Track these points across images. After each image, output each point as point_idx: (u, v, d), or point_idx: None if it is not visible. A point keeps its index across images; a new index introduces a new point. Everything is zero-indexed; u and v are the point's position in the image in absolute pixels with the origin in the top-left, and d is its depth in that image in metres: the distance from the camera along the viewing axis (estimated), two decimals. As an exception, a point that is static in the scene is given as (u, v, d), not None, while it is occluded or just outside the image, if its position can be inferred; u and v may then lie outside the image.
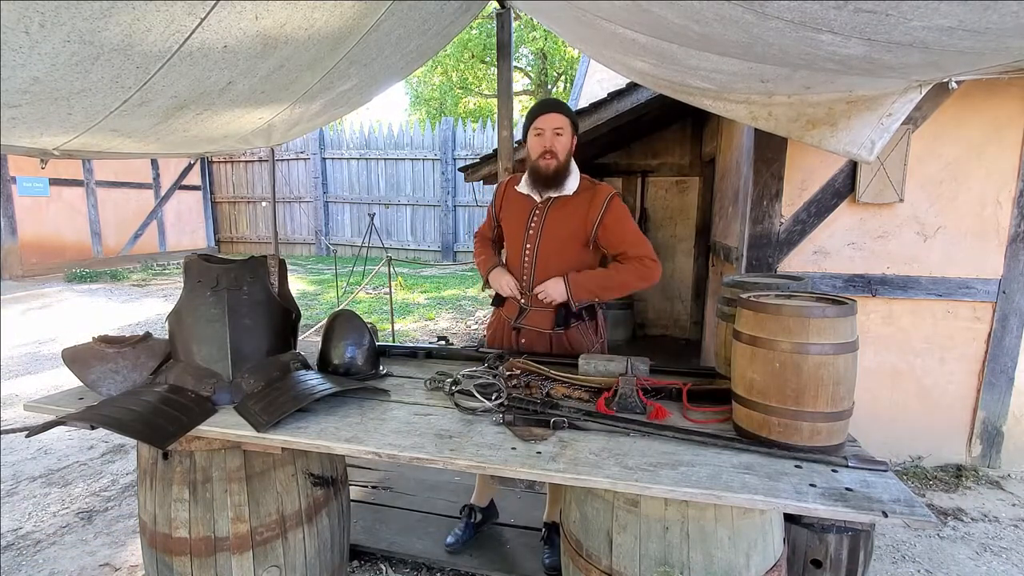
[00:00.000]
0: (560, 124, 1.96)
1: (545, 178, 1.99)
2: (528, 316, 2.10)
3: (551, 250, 2.03)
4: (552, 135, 1.96)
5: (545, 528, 2.23)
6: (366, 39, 2.06)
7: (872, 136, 1.78)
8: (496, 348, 2.18)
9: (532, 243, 2.05)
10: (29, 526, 2.59)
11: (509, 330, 2.16)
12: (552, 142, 1.96)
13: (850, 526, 1.52)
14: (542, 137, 1.97)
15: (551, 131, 1.96)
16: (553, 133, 1.96)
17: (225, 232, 13.83)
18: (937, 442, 3.10)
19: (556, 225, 2.03)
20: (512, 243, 2.14)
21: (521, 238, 2.09)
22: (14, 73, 1.37)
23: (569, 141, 2.00)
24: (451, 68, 19.36)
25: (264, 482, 1.65)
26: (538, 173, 2.00)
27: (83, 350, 1.80)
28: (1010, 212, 2.85)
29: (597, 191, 2.02)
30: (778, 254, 3.05)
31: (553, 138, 1.96)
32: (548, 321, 2.08)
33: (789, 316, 1.34)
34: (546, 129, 1.96)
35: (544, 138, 1.97)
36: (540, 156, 1.97)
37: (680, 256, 6.14)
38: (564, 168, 2.00)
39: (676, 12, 1.40)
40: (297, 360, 1.81)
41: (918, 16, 1.07)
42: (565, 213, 2.02)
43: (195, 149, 2.89)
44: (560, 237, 2.02)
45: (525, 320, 2.11)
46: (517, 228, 2.11)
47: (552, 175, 1.98)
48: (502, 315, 2.21)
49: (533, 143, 2.00)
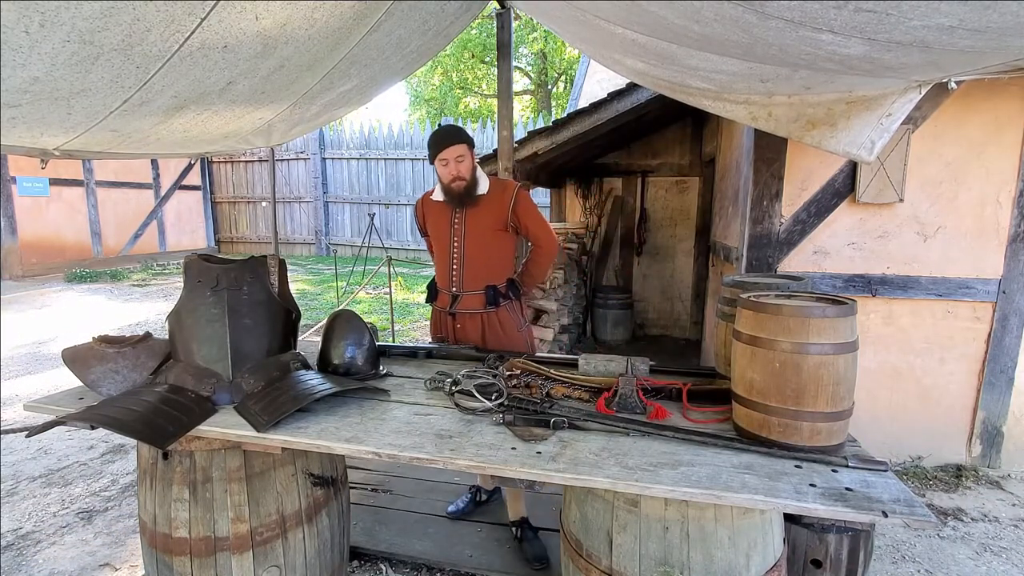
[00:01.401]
0: (460, 152, 2.22)
1: (459, 196, 2.26)
2: (461, 301, 2.35)
3: (475, 240, 2.31)
4: (455, 163, 2.22)
5: (515, 527, 2.33)
6: (366, 39, 2.06)
7: (872, 136, 1.77)
8: (438, 337, 2.46)
9: (459, 237, 2.32)
10: (29, 526, 2.59)
11: (445, 317, 2.40)
12: (457, 169, 2.23)
13: (850, 526, 1.52)
14: (447, 167, 2.23)
15: (454, 159, 2.22)
16: (455, 161, 2.22)
17: (225, 232, 13.84)
18: (937, 442, 3.10)
19: (476, 219, 2.31)
20: (440, 244, 2.40)
21: (447, 238, 2.35)
22: (14, 73, 1.37)
23: (471, 161, 2.26)
24: (451, 68, 19.38)
25: (264, 482, 1.64)
26: (452, 194, 2.27)
27: (83, 350, 1.80)
28: (1010, 212, 2.85)
29: (506, 185, 2.35)
30: (778, 254, 3.05)
31: (457, 165, 2.22)
32: (480, 302, 2.33)
33: (789, 316, 1.34)
34: (450, 159, 2.22)
35: (449, 167, 2.23)
36: (451, 182, 2.24)
37: (680, 256, 6.14)
38: (472, 184, 2.27)
39: (676, 12, 1.40)
40: (297, 360, 1.81)
41: (918, 15, 1.07)
42: (481, 208, 2.30)
43: (195, 149, 2.88)
44: (481, 227, 2.31)
45: (459, 305, 2.35)
46: (443, 230, 2.37)
47: (464, 192, 2.26)
48: (436, 307, 2.46)
49: (441, 172, 2.26)
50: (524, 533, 2.30)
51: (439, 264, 2.44)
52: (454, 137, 2.23)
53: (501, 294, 2.34)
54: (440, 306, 2.43)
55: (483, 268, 2.32)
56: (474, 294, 2.33)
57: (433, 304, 2.48)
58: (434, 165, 2.31)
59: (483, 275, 2.33)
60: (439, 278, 2.45)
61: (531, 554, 2.21)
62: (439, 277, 2.45)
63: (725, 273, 3.66)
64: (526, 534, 2.30)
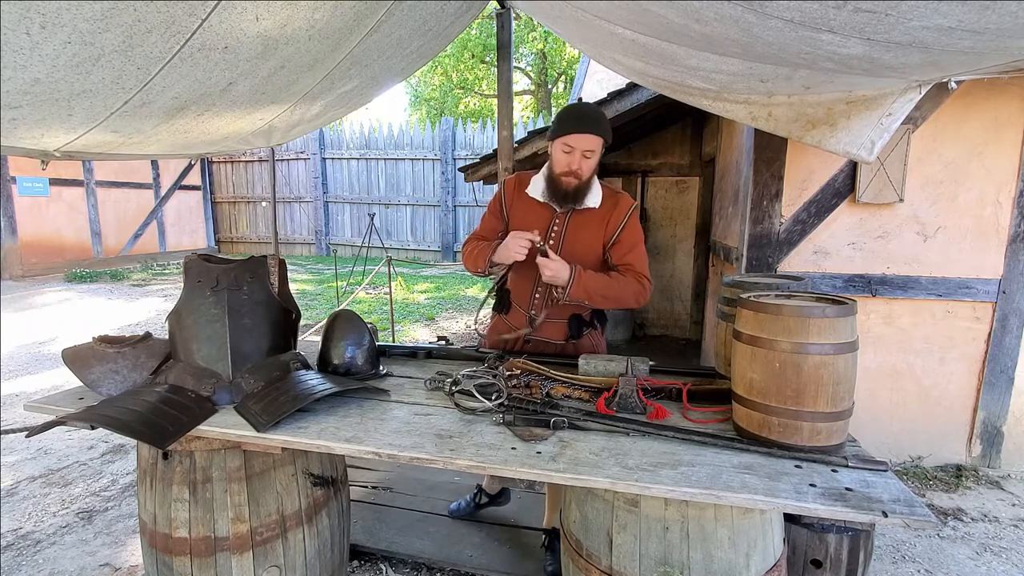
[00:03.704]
0: (592, 147, 1.81)
1: (564, 194, 1.89)
2: (539, 328, 2.03)
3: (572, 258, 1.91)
4: (580, 156, 1.82)
5: (545, 535, 2.22)
6: (367, 40, 2.06)
7: (872, 136, 1.78)
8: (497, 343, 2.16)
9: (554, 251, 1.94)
10: (29, 526, 2.59)
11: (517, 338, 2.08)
12: (579, 164, 1.83)
13: (850, 526, 1.52)
14: (570, 156, 1.82)
15: (580, 152, 1.81)
16: (582, 155, 1.82)
17: (225, 232, 13.84)
18: (937, 442, 3.10)
19: (578, 232, 1.95)
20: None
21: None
22: (15, 74, 1.37)
23: (597, 161, 1.87)
24: (451, 68, 19.38)
25: (264, 482, 1.65)
26: (557, 188, 1.89)
27: (83, 350, 1.80)
28: (1010, 212, 2.85)
29: (619, 201, 1.95)
30: (778, 254, 3.06)
31: (581, 160, 1.82)
32: (561, 333, 2.05)
33: (789, 316, 1.34)
34: (576, 148, 1.81)
35: (572, 157, 1.82)
36: (563, 174, 1.85)
37: (680, 256, 6.14)
38: (586, 186, 1.89)
39: (676, 12, 1.40)
40: (297, 360, 1.81)
41: (917, 16, 1.07)
42: (587, 224, 1.94)
43: (195, 150, 2.89)
44: (582, 242, 1.95)
45: (536, 332, 2.04)
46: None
47: (572, 193, 1.88)
48: (507, 323, 2.13)
49: (558, 157, 1.85)
50: (553, 544, 2.15)
51: (520, 277, 2.06)
52: (593, 124, 1.81)
53: (585, 323, 2.04)
54: (514, 324, 2.09)
55: None
56: (556, 322, 2.03)
57: (502, 316, 2.15)
58: (550, 145, 1.88)
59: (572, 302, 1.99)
60: (516, 292, 2.09)
61: (551, 570, 2.10)
62: (516, 291, 2.09)
63: (725, 273, 3.66)
64: (554, 544, 2.13)
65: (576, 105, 1.87)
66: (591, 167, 1.86)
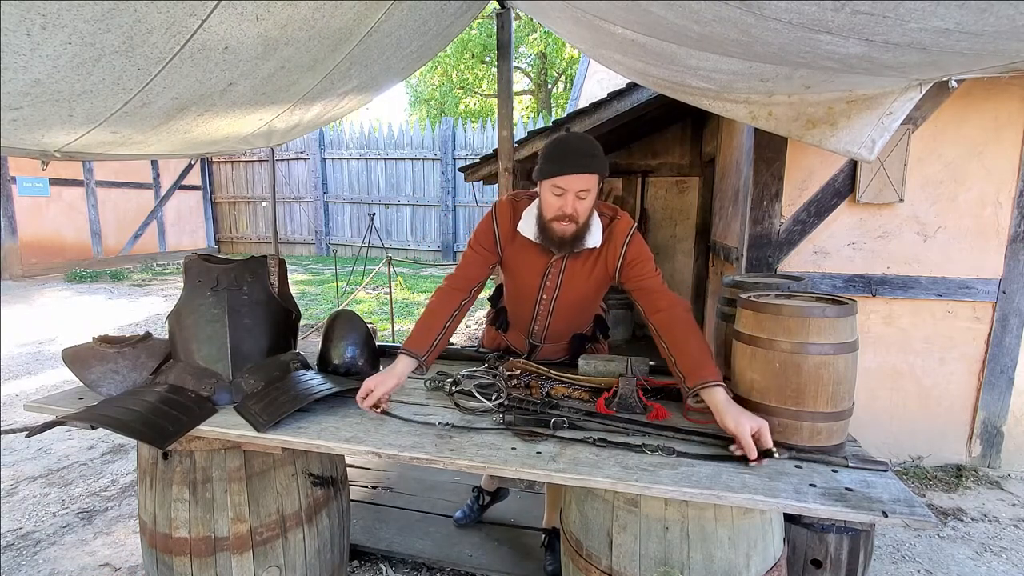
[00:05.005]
0: (587, 186, 1.56)
1: (560, 241, 1.65)
2: (540, 351, 2.03)
3: (570, 301, 1.83)
4: (574, 199, 1.56)
5: (545, 535, 2.22)
6: (367, 40, 2.06)
7: (872, 135, 1.78)
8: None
9: (549, 295, 1.82)
10: (29, 526, 2.59)
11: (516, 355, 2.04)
12: (574, 207, 1.57)
13: (850, 526, 1.52)
14: (562, 199, 1.57)
15: (574, 194, 1.56)
16: (576, 197, 1.56)
17: (225, 232, 13.84)
18: (937, 442, 3.10)
19: (574, 284, 1.79)
20: (521, 292, 1.88)
21: (534, 290, 1.83)
22: (16, 75, 1.37)
23: (595, 197, 1.62)
24: (451, 68, 19.39)
25: (264, 482, 1.65)
26: (551, 237, 1.65)
27: (83, 350, 1.80)
28: (1010, 212, 2.85)
29: (614, 231, 1.72)
30: (778, 254, 3.06)
31: (575, 203, 1.57)
32: (563, 352, 2.03)
33: (789, 316, 1.34)
34: (568, 190, 1.56)
35: (564, 200, 1.57)
36: (556, 219, 1.61)
37: (680, 256, 6.14)
38: (584, 228, 1.64)
39: (676, 12, 1.40)
40: (297, 360, 1.81)
41: (915, 18, 1.07)
42: (585, 265, 1.76)
43: (196, 150, 2.89)
44: (579, 278, 1.78)
45: (537, 355, 2.03)
46: (529, 279, 1.81)
47: (569, 240, 1.65)
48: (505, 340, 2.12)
49: (549, 200, 1.60)
50: (553, 543, 2.15)
51: (518, 310, 1.97)
52: (585, 162, 1.55)
53: (587, 338, 2.02)
54: (512, 343, 2.09)
55: (574, 320, 1.93)
56: (557, 346, 2.01)
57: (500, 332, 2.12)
58: (539, 185, 1.64)
59: (572, 327, 1.95)
60: (515, 319, 2.03)
61: (551, 570, 2.11)
62: (515, 319, 2.02)
63: (725, 273, 3.66)
64: (554, 544, 2.13)
65: (564, 139, 1.62)
66: (587, 208, 1.61)
